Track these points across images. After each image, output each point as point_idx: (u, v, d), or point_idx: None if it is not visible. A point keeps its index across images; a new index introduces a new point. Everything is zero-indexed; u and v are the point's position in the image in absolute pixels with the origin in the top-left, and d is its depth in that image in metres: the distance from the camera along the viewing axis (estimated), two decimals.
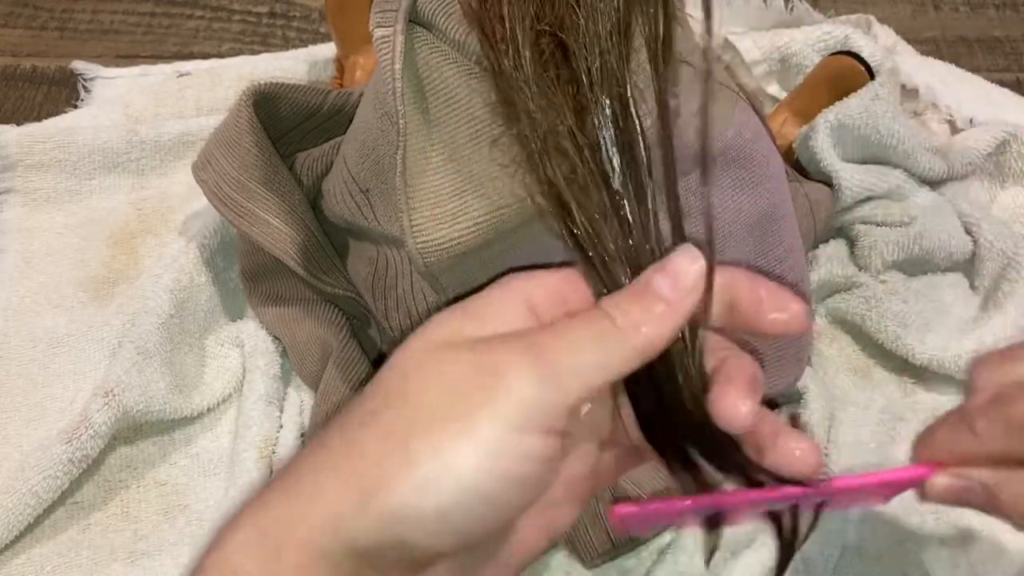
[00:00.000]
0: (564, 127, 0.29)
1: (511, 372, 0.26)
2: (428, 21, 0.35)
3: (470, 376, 0.26)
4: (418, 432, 0.25)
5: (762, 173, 0.40)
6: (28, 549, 0.47)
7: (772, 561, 0.45)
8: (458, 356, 0.27)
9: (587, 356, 0.26)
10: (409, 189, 0.35)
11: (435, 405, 0.26)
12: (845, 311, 0.53)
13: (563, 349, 0.26)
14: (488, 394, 0.25)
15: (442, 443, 0.25)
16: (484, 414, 0.25)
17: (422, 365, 0.28)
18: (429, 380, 0.27)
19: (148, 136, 0.60)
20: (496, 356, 0.26)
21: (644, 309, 0.27)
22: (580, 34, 0.29)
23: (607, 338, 0.27)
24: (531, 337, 0.27)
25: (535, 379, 0.25)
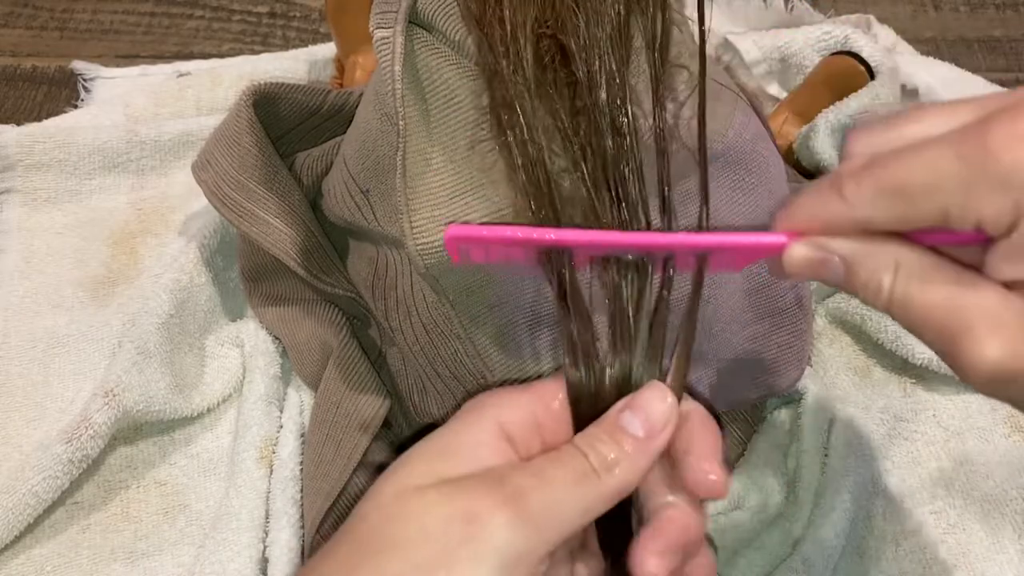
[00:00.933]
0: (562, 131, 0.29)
1: (491, 522, 0.26)
2: (428, 22, 0.35)
3: (449, 524, 0.26)
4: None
5: (762, 174, 0.40)
6: (28, 549, 0.47)
7: (773, 562, 0.46)
8: (435, 502, 0.27)
9: (567, 502, 0.27)
10: (409, 191, 0.35)
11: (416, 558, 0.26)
12: (845, 311, 0.53)
13: (543, 495, 0.26)
14: (469, 545, 0.25)
15: None
16: (467, 566, 0.25)
17: (398, 513, 0.27)
18: (407, 530, 0.26)
19: (148, 136, 0.60)
20: (475, 503, 0.26)
21: (617, 451, 0.28)
22: (580, 37, 0.29)
23: (585, 482, 0.27)
24: (509, 481, 0.27)
25: (516, 528, 0.26)
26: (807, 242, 0.27)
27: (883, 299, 0.26)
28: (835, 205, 0.26)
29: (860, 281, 0.26)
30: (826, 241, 0.26)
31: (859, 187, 0.25)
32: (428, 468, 0.28)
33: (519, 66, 0.29)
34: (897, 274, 0.25)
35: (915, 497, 0.48)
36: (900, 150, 0.25)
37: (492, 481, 0.27)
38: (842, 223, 0.26)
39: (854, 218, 0.25)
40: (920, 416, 0.50)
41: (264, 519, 0.46)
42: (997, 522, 0.48)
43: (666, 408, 0.28)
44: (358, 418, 0.45)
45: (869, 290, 0.26)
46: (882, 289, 0.25)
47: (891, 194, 0.24)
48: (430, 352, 0.42)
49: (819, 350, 0.53)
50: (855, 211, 0.25)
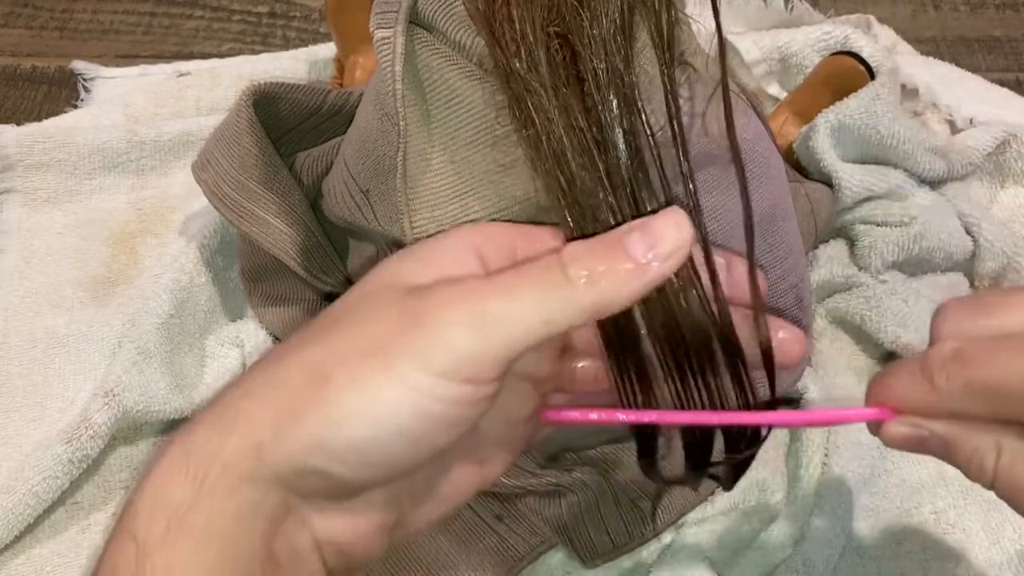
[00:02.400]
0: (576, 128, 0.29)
1: (442, 318, 0.25)
2: (428, 22, 0.35)
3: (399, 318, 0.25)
4: (338, 365, 0.25)
5: (763, 173, 0.40)
6: (28, 549, 0.47)
7: (773, 562, 0.46)
8: (392, 300, 0.26)
9: (526, 309, 0.25)
10: (409, 191, 0.35)
11: (358, 341, 0.25)
12: (845, 311, 0.53)
13: (500, 299, 0.25)
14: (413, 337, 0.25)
15: (358, 378, 0.25)
16: (406, 355, 0.24)
17: (356, 305, 0.27)
18: (357, 320, 0.26)
19: (148, 136, 0.60)
20: (428, 301, 0.25)
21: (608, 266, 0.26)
22: (585, 36, 0.29)
23: (553, 292, 0.25)
24: (470, 284, 0.26)
25: (465, 328, 0.25)
26: (906, 421, 0.27)
27: (987, 479, 0.26)
28: (927, 394, 0.25)
29: (962, 460, 0.26)
30: (923, 422, 0.26)
31: (949, 382, 0.25)
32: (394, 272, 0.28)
33: (532, 64, 0.29)
34: (1000, 456, 0.25)
35: (915, 497, 0.48)
36: (992, 345, 0.24)
37: (451, 284, 0.26)
38: (935, 410, 0.26)
39: (948, 407, 0.25)
40: None
41: None
42: (997, 522, 0.48)
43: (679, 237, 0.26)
44: None
45: (972, 469, 0.26)
46: (985, 469, 0.26)
47: (983, 393, 0.24)
48: None
49: (819, 350, 0.53)
50: (947, 403, 0.25)
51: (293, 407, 0.25)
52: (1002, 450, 0.25)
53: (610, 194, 0.29)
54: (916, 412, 0.26)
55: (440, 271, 0.27)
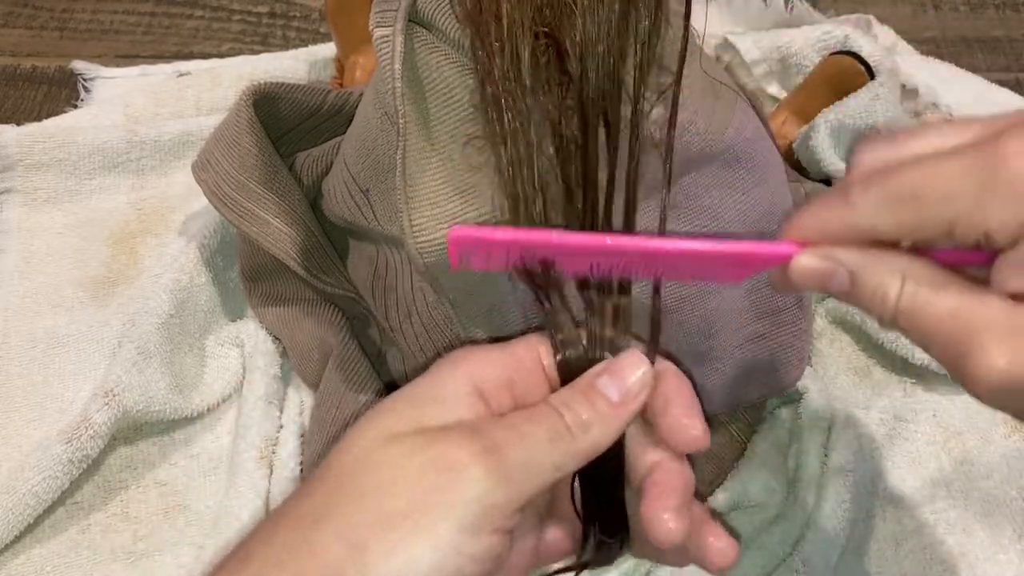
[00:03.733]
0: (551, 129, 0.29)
1: (467, 472, 0.26)
2: (428, 21, 0.35)
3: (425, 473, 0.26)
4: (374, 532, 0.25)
5: (762, 173, 0.40)
6: (28, 549, 0.47)
7: (773, 562, 0.46)
8: (412, 450, 0.27)
9: (541, 457, 0.27)
10: (409, 189, 0.35)
11: (390, 504, 0.26)
12: (845, 311, 0.53)
13: (518, 450, 0.27)
14: (443, 494, 0.26)
15: (398, 543, 0.25)
16: (440, 514, 0.25)
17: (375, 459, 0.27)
18: (383, 476, 0.27)
19: (148, 136, 0.60)
20: (451, 453, 0.26)
21: (592, 410, 0.28)
22: (576, 35, 0.29)
23: (559, 440, 0.28)
24: (485, 434, 0.27)
25: (491, 480, 0.26)
26: (813, 252, 0.26)
27: (889, 310, 0.25)
28: (841, 212, 0.25)
29: (866, 292, 0.26)
30: (832, 251, 0.26)
31: (866, 193, 0.25)
32: (405, 416, 0.28)
33: (514, 64, 0.29)
34: (904, 285, 0.25)
35: (915, 497, 0.48)
36: (909, 160, 0.25)
37: (469, 432, 0.27)
38: (848, 231, 0.26)
39: (860, 225, 0.25)
40: (920, 416, 0.50)
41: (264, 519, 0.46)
42: (997, 522, 0.48)
43: (641, 375, 0.29)
44: (358, 418, 0.45)
45: (875, 301, 0.26)
46: (888, 299, 0.25)
47: (899, 201, 0.24)
48: (430, 352, 0.42)
49: (819, 350, 0.53)
50: (861, 218, 0.25)
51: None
52: (906, 278, 0.25)
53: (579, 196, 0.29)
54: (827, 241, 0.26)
55: (450, 415, 0.28)
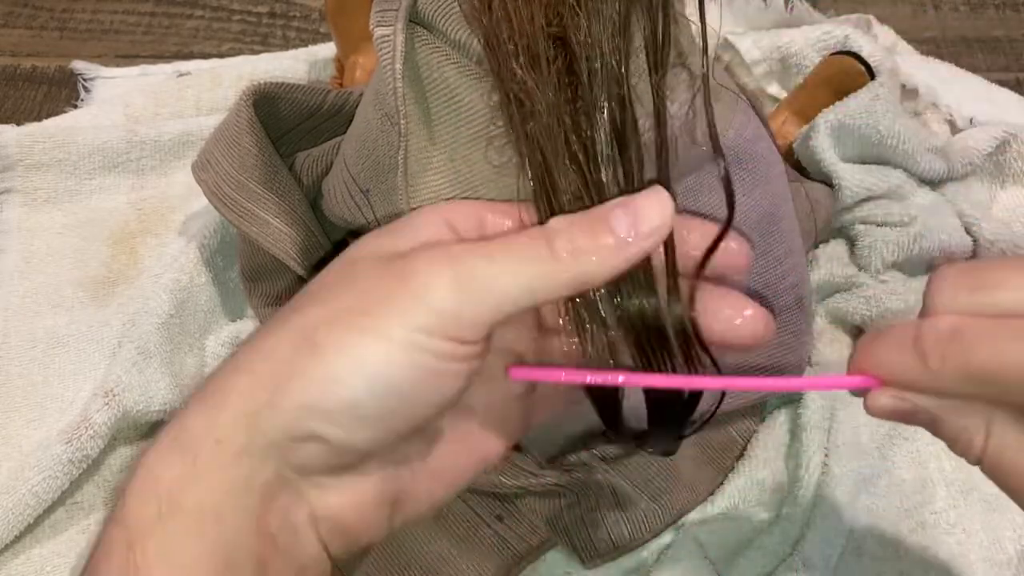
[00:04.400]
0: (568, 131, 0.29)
1: (422, 278, 0.25)
2: (428, 21, 0.35)
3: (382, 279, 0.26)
4: (326, 330, 0.25)
5: (762, 173, 0.40)
6: (28, 549, 0.47)
7: (773, 562, 0.46)
8: (375, 263, 0.27)
9: (512, 276, 0.26)
10: (410, 189, 0.35)
11: (345, 305, 0.26)
12: (845, 311, 0.53)
13: (487, 264, 0.26)
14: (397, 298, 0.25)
15: (349, 338, 0.25)
16: (392, 312, 0.25)
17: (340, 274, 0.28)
18: (343, 285, 0.27)
19: (148, 136, 0.60)
20: (415, 264, 0.26)
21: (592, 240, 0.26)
22: (583, 34, 0.29)
23: (537, 263, 0.26)
24: (455, 247, 0.26)
25: (446, 288, 0.25)
26: (892, 394, 0.25)
27: (973, 457, 0.25)
28: (919, 372, 0.24)
29: (949, 437, 0.25)
30: (911, 396, 0.25)
31: (944, 364, 0.24)
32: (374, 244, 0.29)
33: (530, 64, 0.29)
34: (989, 436, 0.25)
35: (915, 497, 0.48)
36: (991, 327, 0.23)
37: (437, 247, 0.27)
38: (924, 387, 0.25)
39: (939, 388, 0.24)
40: None
41: None
42: (997, 522, 0.48)
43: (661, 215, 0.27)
44: None
45: (959, 447, 0.25)
46: (972, 448, 0.25)
47: (979, 379, 0.23)
48: None
49: (819, 350, 0.53)
50: (940, 384, 0.24)
51: (284, 374, 0.25)
52: (991, 431, 0.24)
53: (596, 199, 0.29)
54: (904, 387, 0.25)
55: (419, 240, 0.28)
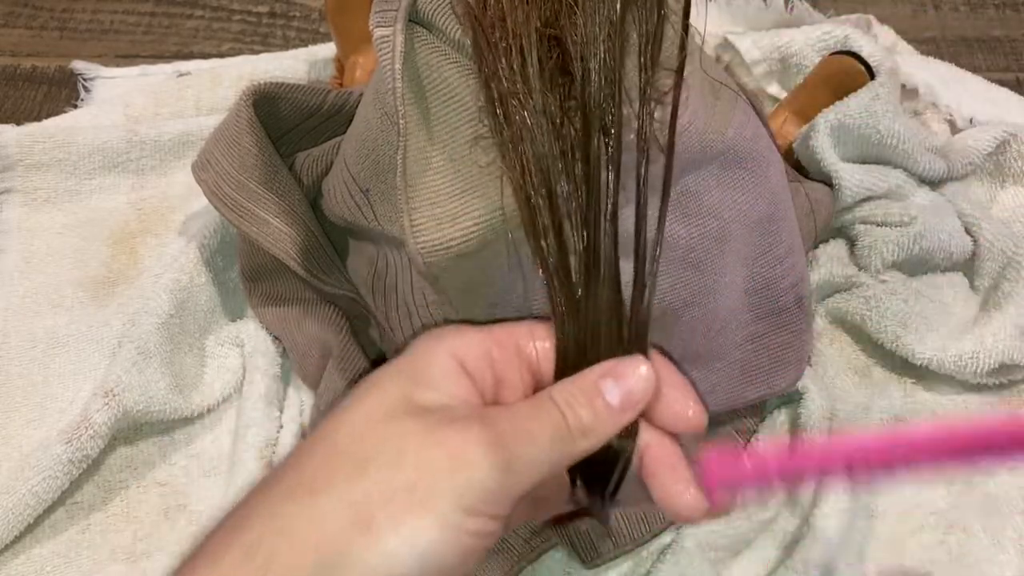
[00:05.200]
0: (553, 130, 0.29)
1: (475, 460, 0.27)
2: (428, 21, 0.35)
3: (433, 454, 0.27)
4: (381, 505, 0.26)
5: (762, 173, 0.40)
6: (28, 549, 0.47)
7: (773, 562, 0.46)
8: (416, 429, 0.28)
9: (544, 456, 0.28)
10: (410, 189, 0.35)
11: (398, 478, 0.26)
12: (845, 311, 0.53)
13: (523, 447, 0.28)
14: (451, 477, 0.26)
15: (404, 518, 0.26)
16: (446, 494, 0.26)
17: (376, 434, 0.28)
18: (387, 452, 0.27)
19: (148, 136, 0.60)
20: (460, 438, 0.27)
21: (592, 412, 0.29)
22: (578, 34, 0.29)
23: (562, 438, 0.29)
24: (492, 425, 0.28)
25: (496, 471, 0.27)
26: None
27: None
28: None
29: None
30: None
31: None
32: (397, 393, 0.29)
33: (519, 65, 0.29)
34: None
35: (915, 497, 0.48)
36: None
37: (478, 422, 0.28)
38: None
39: None
40: (920, 416, 0.50)
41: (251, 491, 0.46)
42: (997, 522, 0.47)
43: (645, 382, 0.30)
44: None
45: None
46: None
47: None
48: None
49: (819, 350, 0.53)
50: None
51: (339, 549, 0.25)
52: None
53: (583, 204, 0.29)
54: None
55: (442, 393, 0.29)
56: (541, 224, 0.30)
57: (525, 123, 0.29)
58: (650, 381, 0.30)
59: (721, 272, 0.40)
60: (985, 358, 0.49)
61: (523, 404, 0.30)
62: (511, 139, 0.30)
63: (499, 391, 0.31)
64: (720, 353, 0.43)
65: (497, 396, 0.31)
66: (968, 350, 0.49)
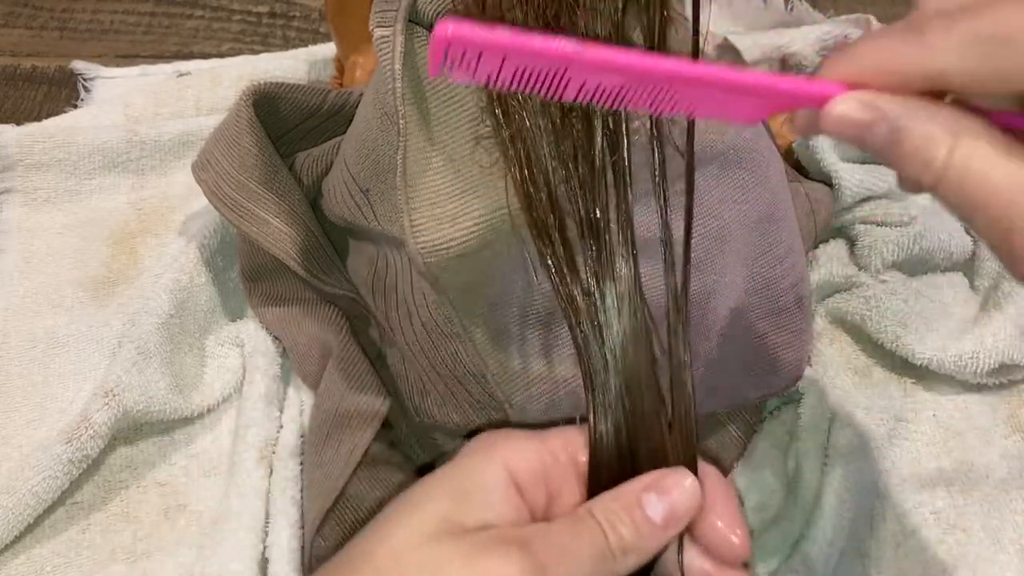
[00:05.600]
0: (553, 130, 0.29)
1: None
2: (428, 21, 0.35)
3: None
4: None
5: (762, 173, 0.40)
6: (28, 549, 0.47)
7: (773, 562, 0.46)
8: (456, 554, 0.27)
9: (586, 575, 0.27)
10: (409, 189, 0.35)
11: None
12: (845, 311, 0.53)
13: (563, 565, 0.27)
14: None
15: None
16: None
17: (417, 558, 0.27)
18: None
19: (148, 136, 0.60)
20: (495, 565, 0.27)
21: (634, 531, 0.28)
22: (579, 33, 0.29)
23: (604, 557, 0.28)
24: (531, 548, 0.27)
25: None
26: (855, 97, 0.22)
27: (932, 172, 0.22)
28: (911, 51, 0.21)
29: (908, 149, 0.22)
30: (878, 98, 0.22)
31: (948, 32, 0.21)
32: (440, 512, 0.28)
33: None
34: (955, 147, 0.21)
35: (915, 498, 0.48)
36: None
37: (517, 546, 0.27)
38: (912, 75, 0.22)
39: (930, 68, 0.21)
40: (920, 416, 0.50)
41: (264, 519, 0.46)
42: (997, 522, 0.47)
43: (690, 498, 0.29)
44: (358, 418, 0.45)
45: (917, 160, 0.22)
46: (935, 160, 0.22)
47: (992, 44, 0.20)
48: (430, 352, 0.42)
49: (819, 350, 0.53)
50: (936, 60, 0.21)
51: None
52: (959, 142, 0.21)
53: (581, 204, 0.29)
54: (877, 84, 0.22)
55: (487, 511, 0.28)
56: (550, 240, 0.30)
57: (524, 123, 0.29)
58: (696, 496, 0.29)
59: (721, 272, 0.40)
60: (985, 358, 0.49)
61: (564, 522, 0.29)
62: (511, 139, 0.30)
63: (551, 506, 0.30)
64: (720, 353, 0.43)
65: (548, 512, 0.30)
66: (968, 350, 0.49)
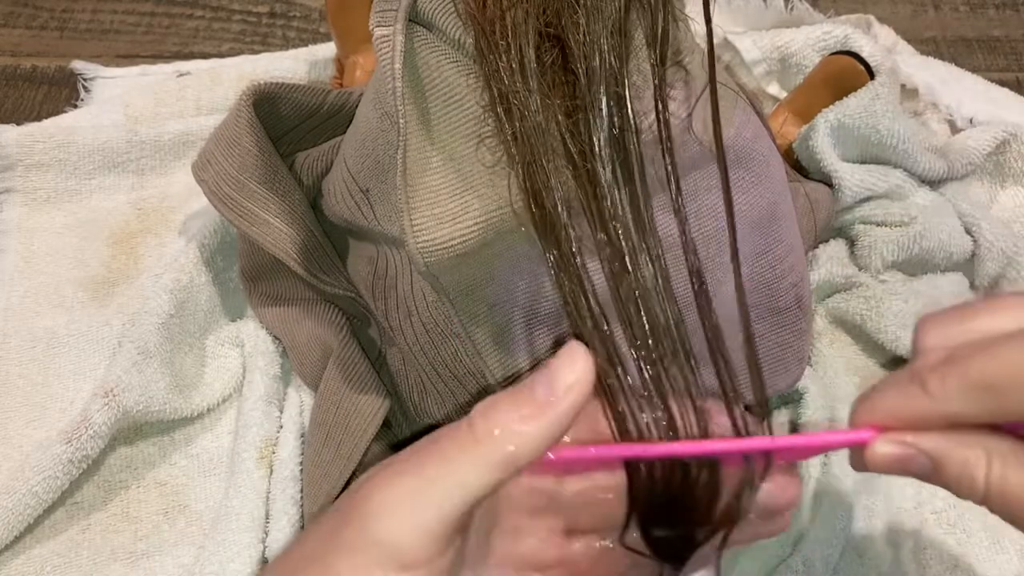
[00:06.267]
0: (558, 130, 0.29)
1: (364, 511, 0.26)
2: (428, 20, 0.35)
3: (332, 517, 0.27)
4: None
5: (762, 173, 0.40)
6: (28, 549, 0.47)
7: (773, 562, 0.46)
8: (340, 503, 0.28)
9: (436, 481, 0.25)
10: (409, 189, 0.35)
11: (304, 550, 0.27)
12: (845, 311, 0.53)
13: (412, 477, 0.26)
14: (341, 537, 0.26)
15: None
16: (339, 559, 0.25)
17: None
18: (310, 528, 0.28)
19: (148, 136, 0.60)
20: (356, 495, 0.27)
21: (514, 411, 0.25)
22: (580, 33, 0.29)
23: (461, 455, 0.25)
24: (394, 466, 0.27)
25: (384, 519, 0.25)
26: (892, 439, 0.26)
27: (978, 493, 0.25)
28: (920, 401, 0.25)
29: (952, 476, 0.25)
30: (912, 438, 0.26)
31: (944, 383, 0.24)
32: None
33: (520, 64, 0.29)
34: (991, 466, 0.25)
35: (915, 497, 0.48)
36: (982, 343, 0.24)
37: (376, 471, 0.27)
38: (928, 419, 0.25)
39: (941, 413, 0.25)
40: None
41: (264, 519, 0.46)
42: (997, 522, 0.47)
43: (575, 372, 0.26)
44: (358, 418, 0.45)
45: (963, 485, 0.25)
46: (977, 482, 0.25)
47: (980, 389, 0.24)
48: (430, 352, 0.42)
49: (819, 350, 0.53)
50: (942, 407, 0.25)
51: None
52: (992, 459, 0.25)
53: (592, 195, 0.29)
54: (904, 426, 0.26)
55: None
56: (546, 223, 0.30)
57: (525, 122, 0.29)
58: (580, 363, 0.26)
59: (721, 272, 0.40)
60: None
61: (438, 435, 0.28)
62: (512, 138, 0.30)
63: None
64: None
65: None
66: None
